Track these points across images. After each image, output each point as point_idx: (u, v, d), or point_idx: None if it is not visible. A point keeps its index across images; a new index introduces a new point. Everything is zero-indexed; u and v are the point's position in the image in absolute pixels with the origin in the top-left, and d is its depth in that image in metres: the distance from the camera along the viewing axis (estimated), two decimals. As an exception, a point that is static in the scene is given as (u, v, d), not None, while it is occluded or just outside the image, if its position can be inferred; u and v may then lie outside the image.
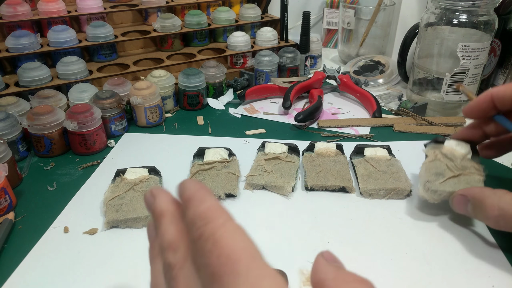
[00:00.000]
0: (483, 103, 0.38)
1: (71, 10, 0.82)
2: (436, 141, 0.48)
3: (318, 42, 0.97)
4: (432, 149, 0.47)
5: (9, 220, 0.48)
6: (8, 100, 0.64)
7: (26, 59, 0.75)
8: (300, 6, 1.14)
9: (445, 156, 0.46)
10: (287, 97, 0.75)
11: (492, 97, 0.37)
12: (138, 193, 0.50)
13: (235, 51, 0.88)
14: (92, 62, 0.82)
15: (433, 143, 0.48)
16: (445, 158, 0.45)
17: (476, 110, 0.40)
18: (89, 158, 0.62)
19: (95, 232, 0.47)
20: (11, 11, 0.74)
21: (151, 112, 0.70)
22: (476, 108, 0.40)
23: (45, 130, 0.61)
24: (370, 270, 0.41)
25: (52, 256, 0.44)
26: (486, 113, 0.40)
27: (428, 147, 0.48)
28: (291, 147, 0.59)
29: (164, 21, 0.85)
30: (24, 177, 0.58)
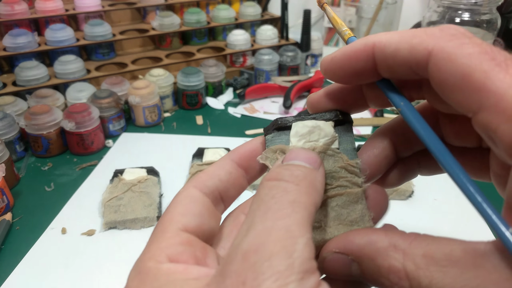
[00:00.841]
0: (360, 53, 0.17)
1: (69, 8, 0.81)
2: (277, 128, 0.21)
3: (319, 41, 0.97)
4: (270, 152, 0.20)
5: (6, 221, 0.48)
6: (5, 99, 0.64)
7: (23, 58, 0.74)
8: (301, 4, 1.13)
9: None
10: (287, 96, 0.75)
11: (374, 48, 0.17)
12: (137, 193, 0.50)
13: (234, 49, 0.88)
14: (90, 61, 0.82)
15: (272, 133, 0.21)
16: None
17: (348, 62, 0.18)
18: (87, 158, 0.62)
19: (93, 233, 0.47)
20: (9, 9, 0.73)
21: (150, 112, 0.70)
22: (349, 58, 0.18)
23: (42, 130, 0.60)
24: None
25: (49, 257, 0.43)
26: (359, 73, 0.18)
27: (266, 150, 0.21)
28: None
29: (162, 19, 0.84)
30: (22, 177, 0.58)
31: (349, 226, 0.19)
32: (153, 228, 0.18)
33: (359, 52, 0.17)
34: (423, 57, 0.15)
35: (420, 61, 0.15)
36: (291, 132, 0.21)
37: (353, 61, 0.17)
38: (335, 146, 0.20)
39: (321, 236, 0.18)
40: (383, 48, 0.16)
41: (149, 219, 0.47)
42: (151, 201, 0.49)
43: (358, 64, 0.17)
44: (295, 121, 0.21)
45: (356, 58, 0.17)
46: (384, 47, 0.16)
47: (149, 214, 0.47)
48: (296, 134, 0.20)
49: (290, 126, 0.21)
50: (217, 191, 0.19)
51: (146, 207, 0.48)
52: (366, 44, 0.17)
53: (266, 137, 0.21)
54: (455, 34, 0.15)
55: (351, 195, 0.19)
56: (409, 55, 0.15)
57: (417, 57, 0.15)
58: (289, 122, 0.21)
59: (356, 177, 0.20)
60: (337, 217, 0.19)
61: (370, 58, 0.17)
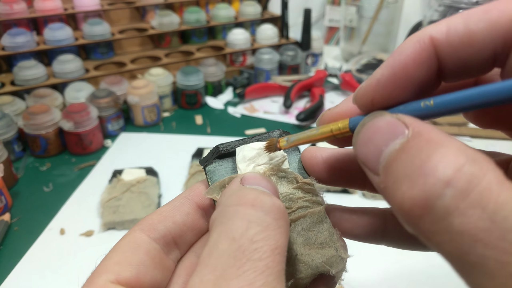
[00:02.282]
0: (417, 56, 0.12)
1: (67, 7, 0.80)
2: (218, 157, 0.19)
3: (319, 40, 0.96)
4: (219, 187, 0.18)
5: (4, 222, 0.47)
6: (3, 99, 0.63)
7: (22, 57, 0.74)
8: (301, 3, 1.13)
9: None
10: (288, 96, 0.74)
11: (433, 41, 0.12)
12: (135, 194, 0.50)
13: (234, 49, 0.87)
14: (88, 60, 0.81)
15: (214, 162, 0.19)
16: None
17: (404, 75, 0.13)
18: (85, 158, 0.61)
19: (91, 234, 0.46)
20: (7, 9, 0.73)
21: (149, 112, 0.69)
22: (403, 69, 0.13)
23: (40, 129, 0.60)
24: (372, 271, 0.40)
25: (48, 258, 0.43)
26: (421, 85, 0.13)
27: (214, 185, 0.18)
28: None
29: (162, 18, 0.84)
30: (20, 177, 0.58)
31: (320, 249, 0.17)
32: None
33: (415, 55, 0.12)
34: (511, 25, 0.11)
35: (509, 36, 0.11)
36: (237, 157, 0.18)
37: (410, 70, 0.12)
38: (286, 166, 0.19)
39: (294, 267, 0.16)
40: (448, 38, 0.12)
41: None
42: (150, 202, 0.49)
43: (418, 72, 0.12)
44: (239, 145, 0.19)
45: (414, 64, 0.12)
46: (448, 36, 0.12)
47: (148, 215, 0.47)
48: (244, 159, 0.18)
49: (233, 152, 0.19)
50: (169, 235, 0.16)
51: (145, 208, 0.48)
52: (421, 41, 0.12)
53: (207, 168, 0.18)
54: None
55: (314, 215, 0.17)
56: (489, 33, 0.11)
57: (504, 30, 0.11)
58: (232, 148, 0.19)
59: (315, 196, 0.18)
60: (306, 241, 0.17)
61: (431, 58, 0.12)
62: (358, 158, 0.13)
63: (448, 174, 0.10)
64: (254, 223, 0.13)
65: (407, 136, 0.11)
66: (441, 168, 0.10)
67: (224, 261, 0.12)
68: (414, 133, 0.11)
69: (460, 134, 0.64)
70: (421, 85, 0.13)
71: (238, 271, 0.12)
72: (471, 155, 0.10)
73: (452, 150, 0.10)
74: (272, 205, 0.14)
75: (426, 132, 0.11)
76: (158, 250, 0.15)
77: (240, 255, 0.12)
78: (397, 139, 0.11)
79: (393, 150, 0.11)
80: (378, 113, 0.13)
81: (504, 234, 0.09)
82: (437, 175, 0.10)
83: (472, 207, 0.09)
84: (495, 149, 0.64)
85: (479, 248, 0.09)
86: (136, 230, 0.16)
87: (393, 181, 0.11)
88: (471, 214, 0.09)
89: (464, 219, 0.09)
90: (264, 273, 0.12)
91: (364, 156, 0.12)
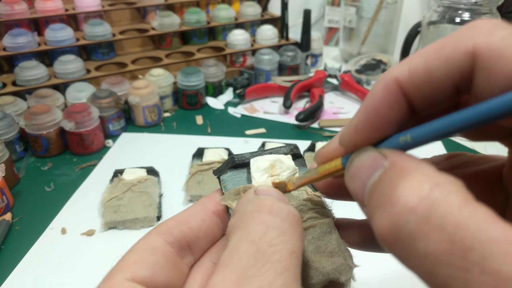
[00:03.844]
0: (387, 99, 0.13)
1: (68, 8, 0.81)
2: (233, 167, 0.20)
3: (319, 41, 0.97)
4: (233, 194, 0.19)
5: (6, 221, 0.47)
6: (5, 99, 0.64)
7: (23, 58, 0.74)
8: (301, 4, 1.13)
9: None
10: (287, 96, 0.75)
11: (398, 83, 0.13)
12: (136, 194, 0.50)
13: (234, 49, 0.88)
14: (89, 61, 0.82)
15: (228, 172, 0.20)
16: None
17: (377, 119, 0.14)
18: (86, 158, 0.62)
19: (92, 233, 0.47)
20: (8, 9, 0.73)
21: (150, 112, 0.70)
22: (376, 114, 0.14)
23: (42, 130, 0.60)
24: (372, 270, 0.40)
25: (49, 257, 0.43)
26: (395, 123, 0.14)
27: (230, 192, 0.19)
28: None
29: (162, 19, 0.84)
30: (21, 177, 0.58)
31: (330, 257, 0.18)
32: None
33: (384, 98, 0.13)
34: (466, 62, 0.11)
35: (464, 70, 0.12)
36: (252, 167, 0.20)
37: (383, 113, 0.13)
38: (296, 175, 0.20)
39: (305, 274, 0.17)
40: (410, 78, 0.12)
41: (149, 219, 0.47)
42: (151, 201, 0.49)
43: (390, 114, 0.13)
44: (253, 156, 0.20)
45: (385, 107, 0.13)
46: (411, 77, 0.12)
47: (149, 214, 0.47)
48: (258, 169, 0.19)
49: (248, 163, 0.20)
50: (184, 240, 0.16)
51: (146, 207, 0.48)
52: (387, 84, 0.13)
53: (222, 177, 0.20)
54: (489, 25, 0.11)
55: (324, 226, 0.18)
56: (446, 70, 0.12)
57: (458, 65, 0.12)
58: (247, 159, 0.20)
59: (324, 208, 0.19)
60: (317, 250, 0.18)
61: (399, 98, 0.13)
62: (350, 192, 0.13)
63: (411, 201, 0.10)
64: (272, 228, 0.14)
65: (384, 168, 0.12)
66: (404, 196, 0.10)
67: (245, 262, 0.13)
68: (390, 164, 0.12)
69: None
70: (397, 122, 0.13)
71: (258, 271, 0.12)
72: (435, 180, 0.10)
73: (417, 177, 0.11)
74: (289, 212, 0.15)
75: (400, 161, 0.12)
76: (173, 253, 0.16)
77: (259, 256, 0.13)
78: (377, 171, 0.12)
79: (373, 182, 0.12)
80: (364, 149, 0.14)
81: (464, 254, 0.09)
82: (401, 203, 0.10)
83: (433, 231, 0.10)
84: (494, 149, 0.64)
85: (443, 269, 0.09)
86: (152, 234, 0.16)
87: (371, 211, 0.12)
88: (433, 237, 0.10)
89: (427, 243, 0.10)
90: (283, 274, 0.13)
91: (353, 190, 0.13)
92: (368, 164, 0.13)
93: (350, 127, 0.14)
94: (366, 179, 0.13)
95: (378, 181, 0.12)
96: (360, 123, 0.14)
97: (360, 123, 0.14)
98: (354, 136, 0.14)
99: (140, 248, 0.16)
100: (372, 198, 0.12)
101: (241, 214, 0.15)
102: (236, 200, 0.18)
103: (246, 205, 0.15)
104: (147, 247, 0.16)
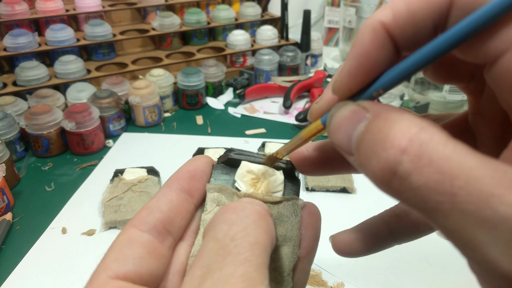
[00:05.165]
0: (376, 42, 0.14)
1: (69, 8, 0.81)
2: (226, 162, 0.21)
3: (319, 41, 0.97)
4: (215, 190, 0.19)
5: (6, 221, 0.48)
6: (5, 99, 0.64)
7: (24, 58, 0.74)
8: (301, 5, 1.13)
9: None
10: (287, 96, 0.75)
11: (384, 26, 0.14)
12: (137, 193, 0.50)
13: (234, 49, 0.88)
14: (90, 61, 0.82)
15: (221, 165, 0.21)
16: None
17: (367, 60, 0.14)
18: (87, 158, 0.62)
19: (93, 233, 0.47)
20: (9, 10, 0.74)
21: (150, 112, 0.70)
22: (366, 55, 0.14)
23: (43, 130, 0.60)
24: (372, 271, 0.40)
25: (50, 257, 0.43)
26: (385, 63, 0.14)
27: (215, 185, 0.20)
28: None
29: (163, 19, 0.84)
30: (22, 177, 0.58)
31: None
32: None
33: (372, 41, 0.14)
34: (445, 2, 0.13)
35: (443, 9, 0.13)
36: (238, 171, 0.20)
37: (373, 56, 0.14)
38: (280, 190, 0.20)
39: None
40: (395, 21, 0.13)
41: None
42: (151, 201, 0.49)
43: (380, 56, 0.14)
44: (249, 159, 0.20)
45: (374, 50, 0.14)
46: (395, 19, 0.13)
47: (149, 214, 0.47)
48: (243, 176, 0.20)
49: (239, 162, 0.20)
50: (160, 224, 0.17)
51: (146, 207, 0.48)
52: (374, 28, 0.14)
53: (215, 165, 0.20)
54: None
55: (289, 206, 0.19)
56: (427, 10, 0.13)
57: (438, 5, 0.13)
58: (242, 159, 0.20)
59: None
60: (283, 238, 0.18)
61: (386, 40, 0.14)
62: (334, 144, 0.15)
63: (403, 144, 0.12)
64: (235, 224, 0.15)
65: (368, 119, 0.13)
66: (397, 141, 0.12)
67: (210, 258, 0.14)
68: (374, 115, 0.13)
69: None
70: (386, 63, 0.14)
71: (220, 264, 0.14)
72: (420, 124, 0.12)
73: (404, 124, 0.12)
74: (253, 209, 0.16)
75: (383, 112, 0.13)
76: (151, 241, 0.16)
77: (222, 251, 0.14)
78: (362, 123, 0.13)
79: (359, 132, 0.13)
80: (341, 103, 0.15)
81: (451, 181, 0.11)
82: (395, 147, 0.12)
83: (424, 165, 0.11)
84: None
85: (435, 196, 0.11)
86: (128, 227, 0.17)
87: (365, 158, 0.13)
88: (425, 171, 0.11)
89: (420, 176, 0.11)
90: (244, 265, 0.13)
91: (338, 142, 0.14)
92: (351, 116, 0.14)
93: (343, 74, 0.15)
94: (351, 130, 0.14)
95: (365, 131, 0.13)
96: (353, 68, 0.14)
97: (353, 68, 0.14)
98: (348, 81, 0.15)
99: (118, 244, 0.16)
100: (363, 147, 0.13)
101: (211, 221, 0.16)
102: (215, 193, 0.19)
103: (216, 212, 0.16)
104: (125, 241, 0.16)
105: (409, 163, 0.11)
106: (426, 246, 0.43)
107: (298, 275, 0.18)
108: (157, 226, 0.17)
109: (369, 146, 0.13)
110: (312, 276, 0.40)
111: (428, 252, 0.42)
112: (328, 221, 0.47)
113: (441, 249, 0.42)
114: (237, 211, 0.15)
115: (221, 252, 0.14)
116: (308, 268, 0.19)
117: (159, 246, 0.17)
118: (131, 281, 0.15)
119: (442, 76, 0.17)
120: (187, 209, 0.18)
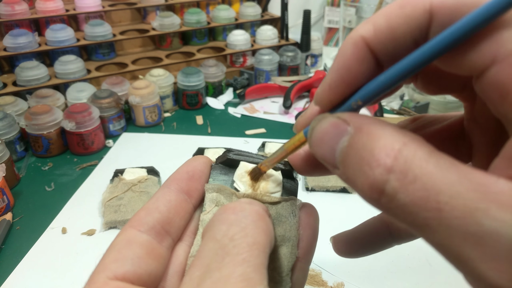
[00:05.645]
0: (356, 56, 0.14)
1: (69, 8, 0.81)
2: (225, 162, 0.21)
3: (319, 41, 0.97)
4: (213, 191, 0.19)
5: (6, 221, 0.48)
6: (5, 99, 0.64)
7: (23, 58, 0.74)
8: (301, 5, 1.13)
9: None
10: (287, 96, 0.75)
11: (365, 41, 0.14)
12: (137, 193, 0.50)
13: (234, 49, 0.88)
14: (90, 61, 0.82)
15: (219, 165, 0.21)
16: None
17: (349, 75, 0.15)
18: (87, 158, 0.62)
19: (93, 233, 0.47)
20: (9, 10, 0.74)
21: (150, 112, 0.70)
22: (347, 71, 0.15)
23: (43, 130, 0.60)
24: (372, 271, 0.40)
25: (50, 257, 0.43)
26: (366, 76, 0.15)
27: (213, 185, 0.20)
28: None
29: (163, 19, 0.84)
30: (22, 177, 0.58)
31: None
32: None
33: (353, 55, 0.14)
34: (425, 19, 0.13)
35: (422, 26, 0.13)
36: (237, 172, 0.20)
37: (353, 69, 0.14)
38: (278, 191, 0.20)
39: None
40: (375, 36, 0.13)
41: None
42: (151, 201, 0.49)
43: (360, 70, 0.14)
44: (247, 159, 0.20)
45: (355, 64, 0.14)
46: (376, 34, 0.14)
47: (149, 214, 0.47)
48: (242, 176, 0.20)
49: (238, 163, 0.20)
50: (158, 225, 0.17)
51: (146, 207, 0.48)
52: (355, 43, 0.14)
53: (213, 166, 0.20)
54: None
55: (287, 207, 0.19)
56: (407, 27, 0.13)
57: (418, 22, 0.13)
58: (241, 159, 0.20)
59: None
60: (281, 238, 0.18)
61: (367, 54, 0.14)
62: (317, 157, 0.15)
63: (388, 163, 0.12)
64: (234, 225, 0.15)
65: (350, 133, 0.13)
66: (382, 159, 0.12)
67: (209, 259, 0.14)
68: (355, 129, 0.13)
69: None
70: (367, 76, 0.14)
71: (219, 264, 0.14)
72: (402, 140, 0.12)
73: (387, 140, 0.12)
74: (251, 210, 0.16)
75: (365, 126, 0.13)
76: (150, 242, 0.16)
77: (221, 251, 0.14)
78: (344, 137, 0.13)
79: (343, 147, 0.13)
80: (321, 116, 0.15)
81: (436, 197, 0.11)
82: (381, 166, 0.12)
83: (410, 183, 0.11)
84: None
85: (421, 212, 0.11)
86: (126, 228, 0.17)
87: (352, 174, 0.13)
88: (410, 189, 0.11)
89: (407, 194, 0.11)
90: (242, 265, 0.13)
91: (321, 155, 0.14)
92: (332, 130, 0.14)
93: (324, 86, 0.15)
94: (334, 144, 0.14)
95: (348, 145, 0.13)
96: (333, 81, 0.15)
97: (333, 81, 0.15)
98: (329, 93, 0.15)
99: (117, 244, 0.16)
100: (348, 162, 0.13)
101: (210, 221, 0.16)
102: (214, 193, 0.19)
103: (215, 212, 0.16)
104: (124, 242, 0.16)
105: (396, 182, 0.12)
106: (426, 246, 0.43)
107: (296, 275, 0.18)
108: (156, 227, 0.17)
109: (355, 162, 0.13)
110: (312, 276, 0.40)
111: (428, 252, 0.42)
112: (328, 221, 0.47)
113: (441, 249, 0.42)
114: (236, 212, 0.15)
115: (220, 252, 0.14)
116: (306, 268, 0.19)
117: (158, 247, 0.17)
118: (129, 282, 0.15)
119: (433, 88, 0.17)
120: (186, 209, 0.18)
